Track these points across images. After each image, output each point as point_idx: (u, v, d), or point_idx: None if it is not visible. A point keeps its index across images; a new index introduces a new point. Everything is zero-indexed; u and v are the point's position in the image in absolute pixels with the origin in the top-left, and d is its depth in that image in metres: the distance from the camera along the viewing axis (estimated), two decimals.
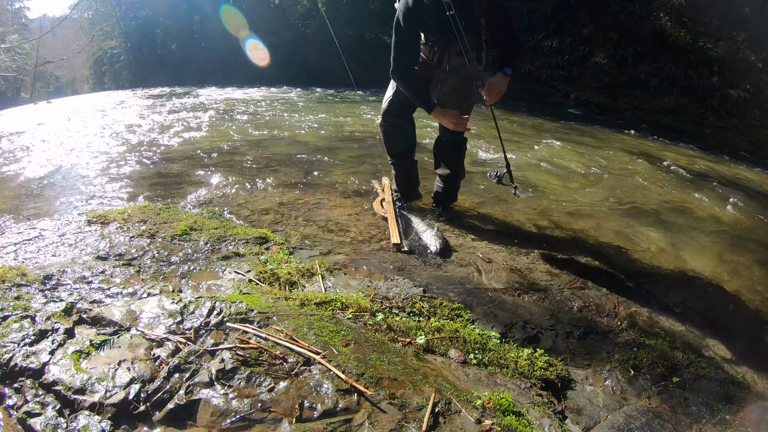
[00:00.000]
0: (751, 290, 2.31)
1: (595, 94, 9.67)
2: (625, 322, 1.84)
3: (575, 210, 3.15)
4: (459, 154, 2.72)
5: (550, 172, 4.13)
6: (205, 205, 2.76)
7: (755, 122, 8.36)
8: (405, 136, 2.71)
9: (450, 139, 2.65)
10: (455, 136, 2.61)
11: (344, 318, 1.53)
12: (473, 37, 2.41)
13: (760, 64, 8.78)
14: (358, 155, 4.18)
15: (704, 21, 9.62)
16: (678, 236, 2.89)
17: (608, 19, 10.13)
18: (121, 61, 19.30)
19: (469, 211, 2.93)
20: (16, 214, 2.50)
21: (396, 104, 2.59)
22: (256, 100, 8.51)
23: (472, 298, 1.90)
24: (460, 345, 1.54)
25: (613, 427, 1.35)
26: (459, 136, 2.62)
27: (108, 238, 2.11)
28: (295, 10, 15.36)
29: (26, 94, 23.58)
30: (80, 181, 3.28)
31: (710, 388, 1.56)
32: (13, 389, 1.06)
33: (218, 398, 1.02)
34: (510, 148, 4.80)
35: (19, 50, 18.48)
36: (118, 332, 1.24)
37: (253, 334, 1.22)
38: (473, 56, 2.45)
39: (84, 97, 11.73)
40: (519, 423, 1.11)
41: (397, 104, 2.59)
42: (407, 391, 1.10)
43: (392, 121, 2.66)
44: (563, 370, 1.52)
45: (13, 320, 1.25)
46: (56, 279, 1.67)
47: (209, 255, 2.02)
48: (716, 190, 4.22)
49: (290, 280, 1.85)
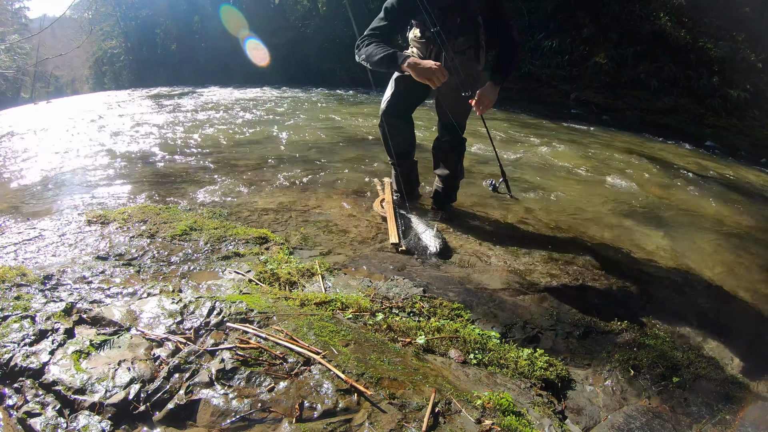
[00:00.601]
0: (751, 290, 2.31)
1: (595, 94, 9.68)
2: (625, 322, 1.83)
3: (575, 210, 3.15)
4: (458, 155, 2.70)
5: (549, 172, 4.13)
6: (205, 205, 2.76)
7: (755, 122, 8.36)
8: (404, 137, 2.70)
9: (449, 140, 2.64)
10: (454, 136, 2.61)
11: (344, 318, 1.53)
12: (470, 35, 2.38)
13: (760, 64, 8.78)
14: (359, 155, 4.18)
15: (704, 21, 9.63)
16: (678, 236, 2.89)
17: (608, 19, 10.13)
18: (121, 61, 19.31)
19: (469, 211, 2.93)
20: (16, 214, 2.50)
21: (394, 104, 2.58)
22: (256, 100, 8.52)
23: (472, 298, 1.90)
24: (460, 345, 1.54)
25: (613, 427, 1.35)
26: (458, 136, 2.61)
27: (108, 238, 2.11)
28: (295, 10, 15.36)
29: (26, 94, 23.59)
30: (80, 181, 3.28)
31: (710, 388, 1.56)
32: (13, 389, 1.06)
33: (218, 398, 1.02)
34: (510, 148, 4.81)
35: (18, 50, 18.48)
36: (118, 332, 1.24)
37: (253, 334, 1.22)
38: (471, 55, 2.43)
39: (84, 97, 11.74)
40: (519, 423, 1.11)
41: (396, 104, 2.57)
42: (407, 391, 1.10)
43: (391, 121, 2.64)
44: (563, 370, 1.52)
45: (13, 320, 1.25)
46: (56, 279, 1.67)
47: (209, 255, 2.02)
48: (716, 190, 4.22)
49: (290, 280, 1.85)
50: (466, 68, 2.43)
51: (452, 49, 2.36)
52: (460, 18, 2.29)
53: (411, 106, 2.63)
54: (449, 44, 2.34)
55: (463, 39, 2.38)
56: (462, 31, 2.36)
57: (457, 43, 2.38)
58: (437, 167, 2.79)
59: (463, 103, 2.50)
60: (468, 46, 2.41)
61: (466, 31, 2.37)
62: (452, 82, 2.47)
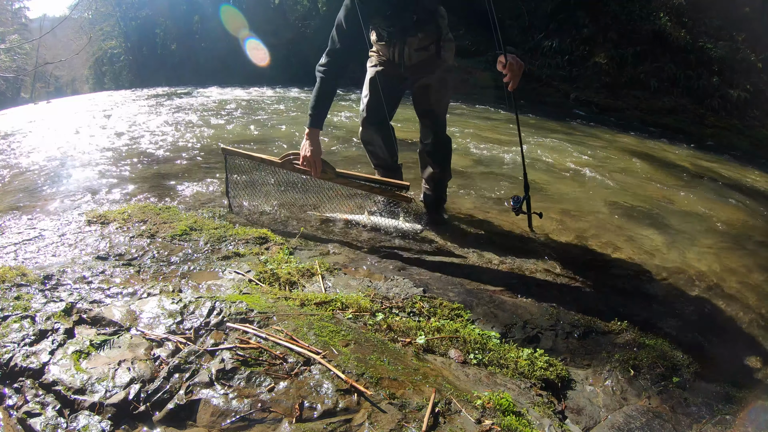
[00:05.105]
0: (752, 290, 2.31)
1: (595, 94, 9.68)
2: (625, 322, 1.83)
3: (575, 210, 3.15)
4: (444, 155, 2.63)
5: (549, 172, 4.13)
6: (205, 205, 2.76)
7: (755, 122, 8.37)
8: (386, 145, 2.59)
9: (433, 141, 2.57)
10: (438, 136, 2.54)
11: (344, 318, 1.53)
12: (430, 29, 2.29)
13: (760, 64, 8.78)
14: (359, 154, 4.17)
15: (704, 21, 9.63)
16: (678, 236, 2.89)
17: (608, 19, 10.14)
18: (121, 61, 19.30)
19: (468, 211, 2.93)
20: (16, 214, 2.50)
21: (373, 108, 2.47)
22: (256, 100, 8.52)
23: (472, 298, 1.90)
24: (460, 345, 1.54)
25: (613, 427, 1.35)
26: (443, 135, 2.55)
27: (108, 238, 2.11)
28: (295, 10, 15.36)
29: (26, 94, 23.59)
30: (80, 181, 3.28)
31: (710, 388, 1.56)
32: (13, 389, 1.06)
33: (218, 398, 1.02)
34: (509, 148, 4.81)
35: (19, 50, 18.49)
36: (118, 332, 1.24)
37: (253, 334, 1.22)
38: (433, 50, 2.34)
39: (84, 97, 11.74)
40: (519, 423, 1.11)
41: (375, 107, 2.47)
42: (407, 391, 1.10)
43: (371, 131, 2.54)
44: (563, 370, 1.52)
45: (13, 320, 1.25)
46: (56, 279, 1.67)
47: (209, 255, 2.02)
48: (716, 190, 4.22)
49: (290, 280, 1.85)
50: (429, 64, 2.37)
51: (414, 46, 2.31)
52: (416, 14, 2.21)
53: (390, 108, 2.54)
54: (410, 41, 2.29)
55: (422, 35, 2.30)
56: (419, 27, 2.27)
57: (417, 39, 2.30)
58: (424, 169, 2.73)
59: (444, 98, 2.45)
60: (430, 42, 2.33)
61: (425, 26, 2.28)
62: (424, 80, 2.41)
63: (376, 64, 2.50)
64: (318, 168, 2.28)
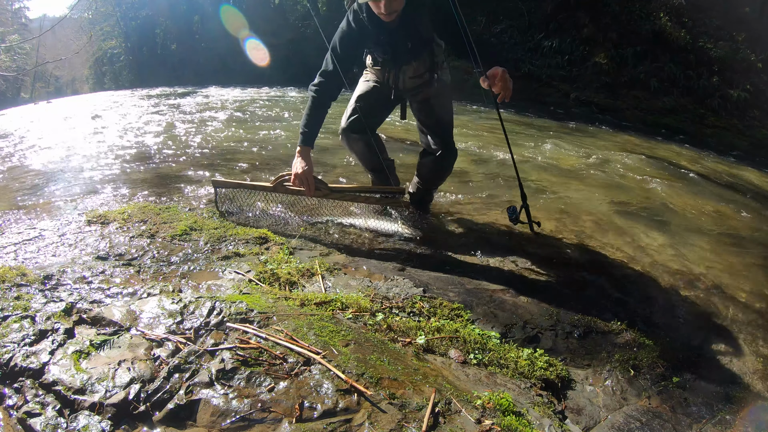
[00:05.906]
0: (751, 290, 2.31)
1: (595, 94, 9.68)
2: (625, 322, 1.83)
3: (575, 210, 3.15)
4: (444, 169, 2.55)
5: (549, 172, 4.13)
6: (205, 205, 2.76)
7: (755, 122, 8.37)
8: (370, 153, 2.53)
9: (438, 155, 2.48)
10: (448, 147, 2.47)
11: (344, 318, 1.53)
12: (424, 58, 2.28)
13: (760, 64, 8.79)
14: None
15: (704, 21, 9.64)
16: (678, 236, 2.89)
17: (608, 19, 10.14)
18: (121, 61, 19.31)
19: (467, 211, 2.93)
20: (16, 214, 2.50)
21: (357, 121, 2.42)
22: (256, 100, 8.52)
23: (472, 298, 1.90)
24: (460, 345, 1.54)
25: (613, 427, 1.35)
26: (452, 148, 2.48)
27: (108, 238, 2.11)
28: (295, 10, 15.37)
29: (26, 94, 23.60)
30: (80, 181, 3.28)
31: (710, 388, 1.56)
32: (13, 389, 1.06)
33: (218, 398, 1.02)
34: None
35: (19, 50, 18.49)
36: (118, 332, 1.24)
37: (253, 334, 1.22)
38: (427, 78, 2.32)
39: (84, 97, 11.74)
40: (519, 423, 1.11)
41: (358, 120, 2.42)
42: (407, 391, 1.10)
43: (351, 140, 2.49)
44: (563, 370, 1.52)
45: (13, 320, 1.25)
46: (56, 279, 1.67)
47: (209, 255, 2.02)
48: (716, 190, 4.22)
49: (290, 280, 1.85)
50: (422, 93, 2.38)
51: (409, 73, 2.30)
52: (411, 42, 2.19)
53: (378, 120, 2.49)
54: (405, 68, 2.29)
55: (416, 63, 2.30)
56: (414, 55, 2.27)
57: (411, 67, 2.30)
58: (420, 173, 2.66)
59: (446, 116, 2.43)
60: (425, 70, 2.32)
61: (419, 55, 2.28)
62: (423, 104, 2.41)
63: (369, 80, 2.50)
64: (311, 185, 2.27)
